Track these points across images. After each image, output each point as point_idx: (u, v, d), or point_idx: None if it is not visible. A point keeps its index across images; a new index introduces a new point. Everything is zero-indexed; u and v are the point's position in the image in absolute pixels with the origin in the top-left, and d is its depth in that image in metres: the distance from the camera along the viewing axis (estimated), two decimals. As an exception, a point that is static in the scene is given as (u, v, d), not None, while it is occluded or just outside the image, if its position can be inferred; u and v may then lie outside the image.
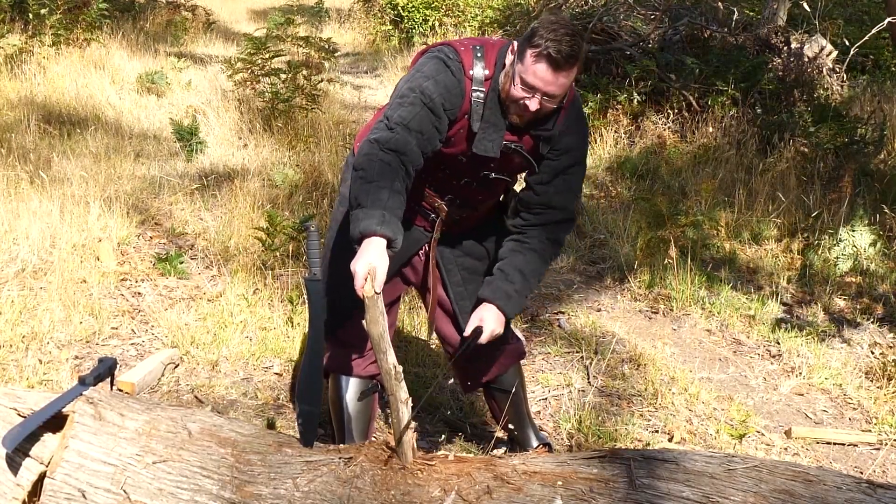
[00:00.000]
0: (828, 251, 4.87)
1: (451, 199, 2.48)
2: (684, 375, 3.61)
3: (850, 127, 6.31)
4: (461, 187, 2.46)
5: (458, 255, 2.60)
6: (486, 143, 2.29)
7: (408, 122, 2.23)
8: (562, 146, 2.37)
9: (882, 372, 3.72)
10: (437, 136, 2.28)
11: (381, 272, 2.02)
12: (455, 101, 2.28)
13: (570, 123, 2.37)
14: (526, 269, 2.46)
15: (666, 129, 6.95)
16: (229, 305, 3.78)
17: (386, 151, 2.19)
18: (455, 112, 2.29)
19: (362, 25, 12.66)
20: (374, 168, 2.17)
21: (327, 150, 6.12)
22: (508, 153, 2.35)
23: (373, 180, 2.14)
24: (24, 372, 3.16)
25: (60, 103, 6.67)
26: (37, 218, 4.32)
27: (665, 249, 4.65)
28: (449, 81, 2.27)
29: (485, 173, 2.40)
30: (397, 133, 2.22)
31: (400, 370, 2.00)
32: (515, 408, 2.79)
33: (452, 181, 2.45)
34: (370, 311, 1.98)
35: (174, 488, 1.94)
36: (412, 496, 1.92)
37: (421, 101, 2.25)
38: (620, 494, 1.91)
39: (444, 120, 2.28)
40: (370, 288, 1.98)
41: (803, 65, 7.36)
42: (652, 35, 7.68)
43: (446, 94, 2.26)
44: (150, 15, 10.45)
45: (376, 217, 2.07)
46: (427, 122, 2.25)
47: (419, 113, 2.24)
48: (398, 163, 2.19)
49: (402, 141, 2.21)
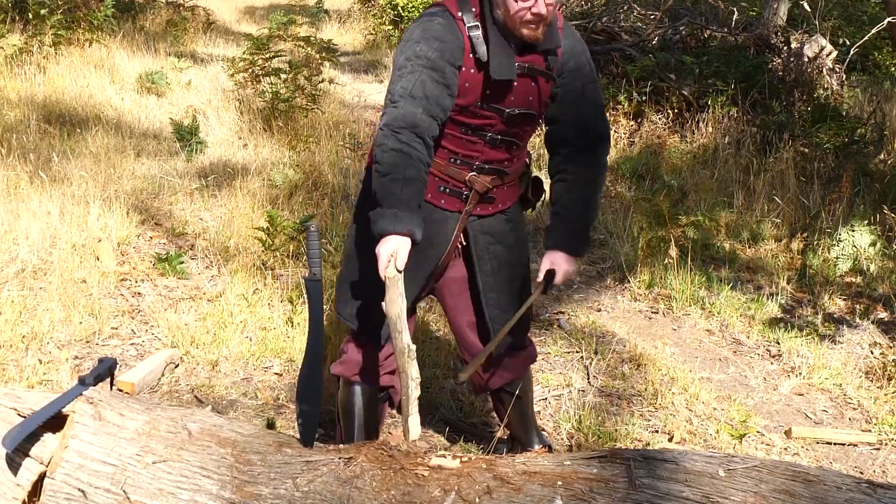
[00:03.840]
0: (827, 251, 4.87)
1: (479, 166, 2.43)
2: (684, 375, 3.61)
3: (849, 127, 6.30)
4: (486, 149, 2.41)
5: (490, 243, 2.55)
6: (502, 67, 2.27)
7: (411, 91, 2.22)
8: (570, 67, 2.40)
9: (882, 372, 3.72)
10: (445, 93, 2.25)
11: (403, 254, 2.13)
12: (453, 47, 2.26)
13: (571, 44, 2.40)
14: (580, 204, 2.47)
15: (666, 129, 6.95)
16: (229, 305, 3.78)
17: (396, 133, 2.19)
18: (458, 57, 2.27)
19: (362, 25, 12.66)
20: (385, 160, 2.19)
21: (327, 150, 6.13)
22: (524, 75, 2.33)
23: (387, 173, 2.18)
24: (24, 372, 3.16)
25: (60, 103, 6.67)
26: (37, 218, 4.32)
27: (665, 249, 4.65)
28: (440, 32, 2.26)
29: (507, 112, 2.34)
30: (401, 107, 2.21)
31: (413, 349, 2.12)
32: (520, 410, 2.80)
33: (476, 144, 2.40)
34: (390, 292, 2.10)
35: (174, 488, 1.94)
36: (412, 496, 1.92)
37: (419, 65, 2.23)
38: (620, 494, 1.91)
39: (448, 72, 2.25)
40: (392, 269, 2.11)
41: (803, 65, 7.35)
42: (652, 35, 7.68)
43: (442, 45, 2.25)
44: (150, 15, 10.45)
45: (389, 217, 2.14)
46: (430, 83, 2.23)
47: (419, 77, 2.22)
48: (411, 140, 2.19)
49: (409, 114, 2.20)
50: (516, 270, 2.62)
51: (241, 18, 13.41)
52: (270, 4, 14.67)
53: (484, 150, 2.41)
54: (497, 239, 2.56)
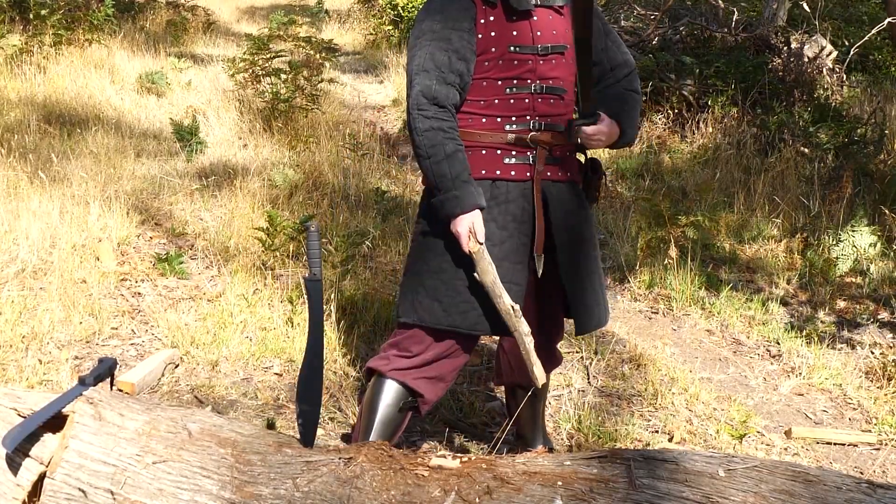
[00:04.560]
0: (828, 251, 4.87)
1: (536, 124, 2.38)
2: (684, 375, 3.61)
3: (849, 127, 6.30)
4: (536, 103, 2.38)
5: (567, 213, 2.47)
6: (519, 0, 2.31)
7: (423, 65, 2.30)
8: None
9: (882, 372, 3.72)
10: (455, 58, 2.30)
11: (479, 225, 2.28)
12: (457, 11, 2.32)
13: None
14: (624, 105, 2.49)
15: (666, 129, 6.95)
16: (229, 305, 3.77)
17: (422, 111, 2.29)
18: (465, 17, 2.31)
19: (362, 25, 12.66)
20: (423, 143, 2.29)
21: (327, 150, 6.13)
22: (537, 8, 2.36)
23: (429, 156, 2.29)
24: (24, 372, 3.16)
25: (60, 103, 6.67)
26: (37, 218, 4.32)
27: (665, 249, 4.65)
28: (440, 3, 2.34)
29: (541, 48, 2.35)
30: (417, 83, 2.30)
31: (518, 308, 2.30)
32: (533, 409, 2.80)
33: (525, 100, 2.37)
34: (479, 263, 2.28)
35: (174, 488, 1.94)
36: (412, 496, 1.92)
37: (425, 40, 2.32)
38: (620, 494, 1.91)
39: (454, 38, 2.30)
40: (475, 243, 2.27)
41: (803, 65, 7.35)
42: (652, 35, 7.68)
43: (443, 16, 2.32)
44: (150, 15, 10.45)
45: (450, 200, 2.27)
46: (439, 53, 2.29)
47: (428, 50, 2.30)
48: (437, 114, 2.29)
49: (425, 87, 2.29)
50: (591, 251, 2.53)
51: (241, 18, 13.41)
52: (271, 4, 14.67)
53: (534, 104, 2.38)
54: (572, 210, 2.48)
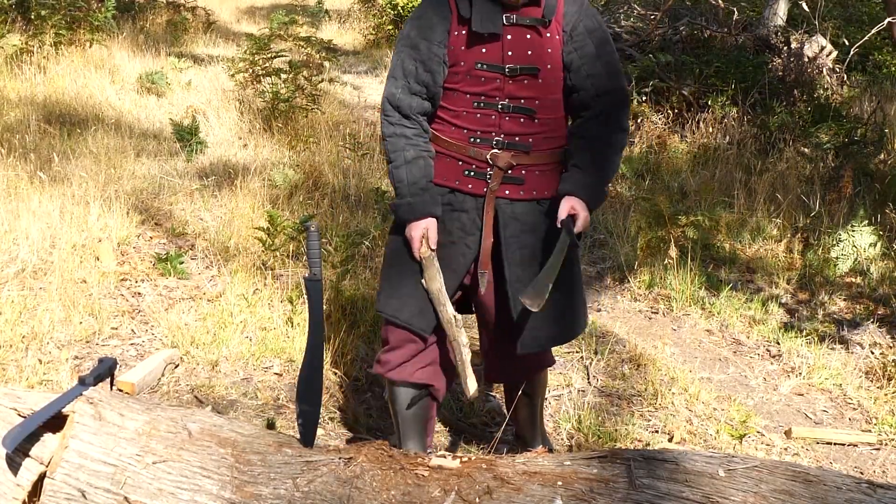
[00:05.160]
0: (828, 251, 4.87)
1: (499, 142, 2.38)
2: (684, 375, 3.61)
3: (850, 127, 6.30)
4: (502, 121, 2.36)
5: (521, 230, 2.44)
6: (483, 20, 2.30)
7: (393, 72, 2.40)
8: (581, 30, 2.37)
9: (882, 372, 3.72)
10: (422, 69, 2.35)
11: (433, 233, 2.37)
12: (433, 20, 2.35)
13: (578, 7, 2.38)
14: (597, 159, 2.40)
15: (666, 129, 6.95)
16: (229, 305, 3.77)
17: (387, 117, 2.39)
18: (439, 28, 2.34)
19: (362, 25, 12.66)
20: (387, 149, 2.40)
21: (327, 150, 6.13)
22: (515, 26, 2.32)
23: (390, 161, 2.38)
24: (24, 372, 3.16)
25: (61, 103, 6.67)
26: (37, 218, 4.32)
27: (665, 249, 4.65)
28: (422, 9, 2.39)
29: (508, 68, 2.32)
30: (385, 90, 2.40)
31: (459, 318, 2.36)
32: (530, 409, 2.80)
33: (491, 117, 2.36)
34: (427, 270, 2.35)
35: (174, 488, 1.94)
36: (412, 496, 1.92)
37: (401, 45, 2.39)
38: (620, 494, 1.91)
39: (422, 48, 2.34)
40: (426, 248, 2.35)
41: (803, 65, 7.35)
42: (652, 35, 7.68)
43: (420, 22, 2.37)
44: (150, 15, 10.45)
45: (404, 207, 2.36)
46: (408, 61, 2.37)
47: (400, 57, 2.39)
48: (400, 121, 2.38)
49: (390, 94, 2.39)
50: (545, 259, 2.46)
51: (241, 18, 13.41)
52: (271, 4, 14.67)
53: (500, 121, 2.37)
54: (528, 228, 2.44)
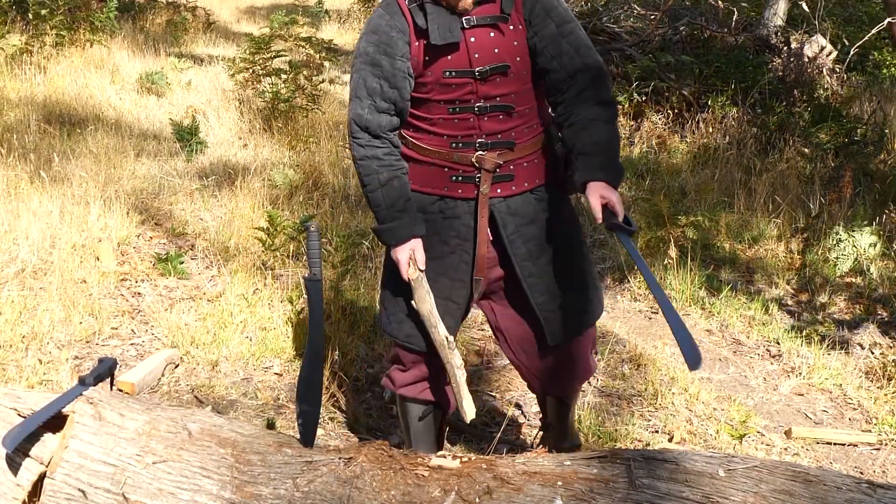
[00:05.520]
0: (828, 251, 4.87)
1: (482, 143, 2.33)
2: (684, 375, 3.61)
3: (850, 127, 6.31)
4: (480, 122, 2.32)
5: (521, 224, 2.40)
6: (441, 31, 2.24)
7: (356, 91, 2.31)
8: (538, 13, 2.29)
9: (882, 372, 3.72)
10: (387, 85, 2.27)
11: (419, 254, 2.32)
12: (389, 35, 2.26)
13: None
14: (596, 138, 2.29)
15: (666, 129, 6.95)
16: (229, 305, 3.78)
17: (356, 139, 2.32)
18: (398, 43, 2.26)
19: (362, 25, 12.65)
20: (360, 173, 2.34)
21: (327, 150, 6.13)
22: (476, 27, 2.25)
23: (365, 185, 2.33)
24: (24, 372, 3.16)
25: (61, 103, 6.67)
26: (37, 218, 4.32)
27: (665, 249, 4.65)
28: (375, 23, 2.29)
29: (478, 71, 2.26)
30: (350, 111, 2.32)
31: (452, 340, 2.32)
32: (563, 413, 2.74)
33: (469, 120, 2.32)
34: (417, 291, 2.31)
35: (174, 488, 1.94)
36: (412, 496, 1.92)
37: (360, 62, 2.30)
38: (620, 494, 1.91)
39: (384, 64, 2.26)
40: (414, 270, 2.31)
41: (803, 65, 7.35)
42: (652, 35, 7.68)
43: (377, 38, 2.27)
44: (150, 15, 10.45)
45: (385, 232, 2.32)
46: (370, 78, 2.28)
47: (360, 75, 2.30)
48: (370, 142, 2.31)
49: (356, 116, 2.30)
50: (561, 251, 2.43)
51: (241, 18, 13.41)
52: (271, 4, 14.66)
53: (479, 123, 2.32)
54: (528, 219, 2.40)
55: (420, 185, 2.39)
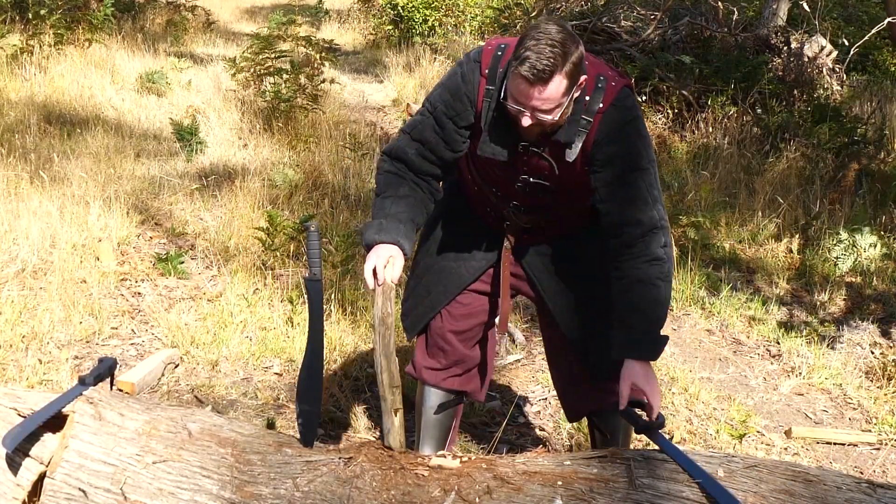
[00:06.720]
0: (828, 251, 4.87)
1: (517, 205, 2.33)
2: (684, 375, 3.61)
3: (850, 127, 6.31)
4: (521, 192, 2.29)
5: (548, 263, 2.41)
6: (489, 146, 2.19)
7: (410, 131, 2.27)
8: (602, 157, 2.15)
9: (882, 372, 3.72)
10: (442, 146, 2.23)
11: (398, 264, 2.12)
12: (462, 104, 2.19)
13: (610, 131, 2.13)
14: (639, 304, 2.17)
15: (666, 129, 6.95)
16: (229, 305, 3.78)
17: (389, 160, 2.28)
18: (465, 116, 2.21)
19: (362, 25, 12.66)
20: (380, 181, 2.28)
21: (327, 150, 6.13)
22: (528, 155, 2.19)
23: (380, 193, 2.26)
24: (24, 372, 3.16)
25: (60, 103, 6.67)
26: (37, 218, 4.32)
27: (665, 249, 4.64)
28: (454, 85, 2.21)
29: (522, 178, 2.24)
30: (400, 141, 2.28)
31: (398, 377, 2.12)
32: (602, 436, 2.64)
33: (511, 185, 2.29)
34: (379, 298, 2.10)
35: (174, 488, 1.94)
36: (412, 496, 1.92)
37: (428, 110, 2.25)
38: (620, 494, 1.91)
39: (448, 128, 2.21)
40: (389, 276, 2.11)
41: (803, 65, 7.36)
42: (652, 35, 7.69)
43: (450, 100, 2.20)
44: (150, 15, 10.45)
45: (374, 227, 2.17)
46: (429, 131, 2.23)
47: (423, 121, 2.25)
48: (403, 169, 2.26)
49: (401, 150, 2.26)
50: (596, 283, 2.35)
51: (241, 18, 13.41)
52: (272, 4, 14.67)
53: (517, 194, 2.31)
54: (558, 256, 2.40)
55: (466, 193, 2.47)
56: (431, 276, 2.50)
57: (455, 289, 2.48)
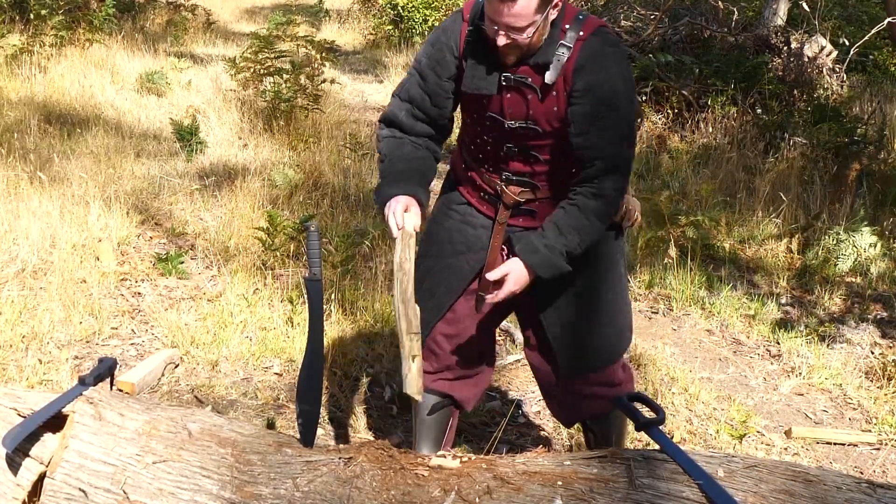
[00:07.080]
0: (828, 251, 4.87)
1: (507, 177, 2.32)
2: (684, 375, 3.61)
3: (850, 127, 6.31)
4: (508, 159, 2.30)
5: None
6: (476, 80, 2.20)
7: (399, 93, 2.34)
8: (581, 86, 2.13)
9: (882, 372, 3.72)
10: (428, 101, 2.29)
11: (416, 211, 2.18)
12: (442, 53, 2.24)
13: (589, 57, 2.12)
14: (561, 222, 2.20)
15: (666, 129, 6.95)
16: (229, 305, 3.78)
17: (385, 126, 2.35)
18: (448, 65, 2.25)
19: (362, 25, 12.66)
20: (381, 148, 2.34)
21: (327, 150, 6.13)
22: (511, 87, 2.18)
23: (384, 158, 2.32)
24: (24, 372, 3.16)
25: (60, 103, 6.67)
26: (37, 218, 4.32)
27: (665, 249, 4.65)
28: (434, 38, 2.29)
29: (508, 124, 2.22)
30: (392, 106, 2.35)
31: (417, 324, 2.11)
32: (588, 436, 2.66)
33: (501, 153, 2.30)
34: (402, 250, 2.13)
35: (174, 488, 1.94)
36: (412, 496, 1.92)
37: (414, 67, 2.32)
38: (620, 494, 1.91)
39: (430, 80, 2.26)
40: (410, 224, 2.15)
41: (803, 65, 7.36)
42: (652, 35, 7.69)
43: (431, 51, 2.27)
44: (150, 15, 10.45)
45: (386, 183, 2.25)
46: (415, 88, 2.30)
47: (409, 80, 2.32)
48: (398, 133, 2.33)
49: (393, 114, 2.33)
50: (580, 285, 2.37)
51: (241, 18, 13.41)
52: (272, 4, 14.67)
53: (507, 159, 2.31)
54: None
55: (458, 183, 2.47)
56: (433, 278, 2.48)
57: (459, 284, 2.46)
